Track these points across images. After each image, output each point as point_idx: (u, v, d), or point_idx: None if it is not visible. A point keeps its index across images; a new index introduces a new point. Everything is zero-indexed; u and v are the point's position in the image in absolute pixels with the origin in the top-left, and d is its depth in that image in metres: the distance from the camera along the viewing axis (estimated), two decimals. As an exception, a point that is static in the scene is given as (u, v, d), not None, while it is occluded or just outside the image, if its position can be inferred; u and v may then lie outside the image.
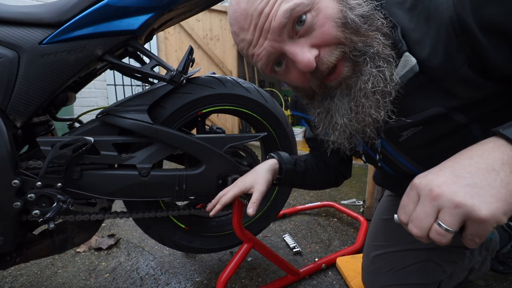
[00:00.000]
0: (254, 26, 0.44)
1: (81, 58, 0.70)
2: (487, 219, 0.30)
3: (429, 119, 0.46)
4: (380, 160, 0.59)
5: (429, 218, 0.34)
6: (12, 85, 0.66)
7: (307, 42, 0.44)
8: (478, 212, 0.30)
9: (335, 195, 1.85)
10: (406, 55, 0.43)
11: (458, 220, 0.32)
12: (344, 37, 0.43)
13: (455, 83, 0.41)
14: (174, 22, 0.90)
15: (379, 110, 0.45)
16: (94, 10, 0.68)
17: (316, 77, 0.47)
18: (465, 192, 0.31)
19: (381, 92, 0.44)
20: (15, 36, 0.66)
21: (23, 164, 0.71)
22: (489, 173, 0.32)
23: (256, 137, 0.92)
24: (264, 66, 0.48)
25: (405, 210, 0.37)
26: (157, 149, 0.81)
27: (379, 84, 0.43)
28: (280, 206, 1.08)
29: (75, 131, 0.78)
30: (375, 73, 0.43)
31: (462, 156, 0.35)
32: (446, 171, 0.34)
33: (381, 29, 0.44)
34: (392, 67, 0.44)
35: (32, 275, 1.03)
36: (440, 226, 0.33)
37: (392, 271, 0.73)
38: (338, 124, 0.49)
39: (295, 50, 0.44)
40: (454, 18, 0.38)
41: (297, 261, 1.12)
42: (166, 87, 0.82)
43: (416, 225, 0.35)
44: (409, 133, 0.50)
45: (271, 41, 0.44)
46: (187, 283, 0.99)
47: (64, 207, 0.71)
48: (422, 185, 0.35)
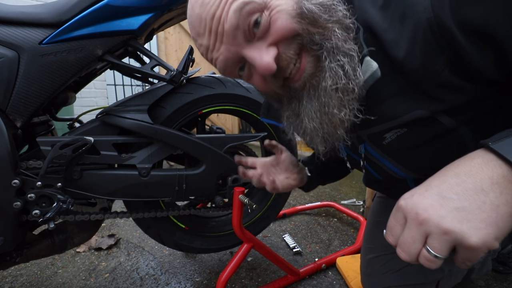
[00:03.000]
0: (208, 30, 0.42)
1: (81, 58, 0.70)
2: (478, 247, 0.28)
3: (412, 121, 0.43)
4: (364, 166, 0.57)
5: (417, 243, 0.32)
6: (12, 85, 0.66)
7: (265, 43, 0.42)
8: (468, 239, 0.29)
9: (335, 195, 1.85)
10: (367, 60, 0.41)
11: (448, 247, 0.30)
12: (300, 28, 0.40)
13: (436, 87, 0.39)
14: (174, 22, 0.90)
15: (342, 108, 0.42)
16: (94, 10, 0.68)
17: (278, 78, 0.45)
18: (453, 217, 0.30)
19: (342, 89, 0.41)
20: (15, 36, 0.66)
21: (23, 164, 0.71)
22: (478, 194, 0.30)
23: (256, 137, 0.92)
24: (222, 70, 0.47)
25: (393, 233, 0.36)
26: (157, 149, 0.81)
27: (340, 81, 0.40)
28: (280, 206, 1.08)
29: (75, 131, 0.78)
30: (334, 68, 0.40)
31: (448, 173, 0.33)
32: (433, 191, 0.32)
33: (342, 21, 0.41)
34: (355, 61, 0.41)
35: (32, 275, 1.03)
36: (429, 252, 0.31)
37: (389, 273, 0.73)
38: (308, 129, 0.46)
39: (253, 55, 0.42)
40: (432, 19, 0.35)
41: (297, 261, 1.12)
42: (166, 87, 0.82)
43: (403, 249, 0.34)
44: (392, 135, 0.47)
45: (227, 44, 0.42)
46: (187, 283, 0.99)
47: (64, 207, 0.71)
48: (408, 207, 0.33)
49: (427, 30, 0.36)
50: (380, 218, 0.81)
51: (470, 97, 0.39)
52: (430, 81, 0.39)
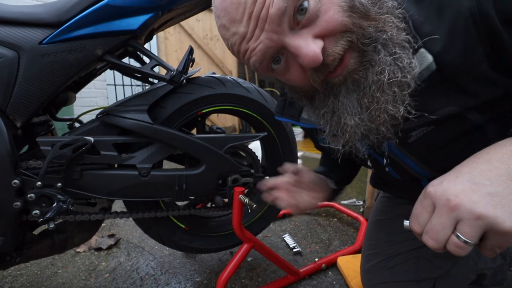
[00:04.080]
0: (248, 15, 0.37)
1: (81, 58, 0.70)
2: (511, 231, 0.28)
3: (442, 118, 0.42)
4: (388, 165, 0.55)
5: (447, 230, 0.32)
6: (12, 85, 0.66)
7: (310, 33, 0.38)
8: (502, 224, 0.28)
9: (335, 195, 1.85)
10: (421, 52, 0.39)
11: (479, 232, 0.30)
12: (352, 23, 0.37)
13: (472, 80, 0.38)
14: (174, 22, 0.90)
15: (397, 104, 0.39)
16: (94, 10, 0.68)
17: (319, 73, 0.41)
18: (486, 202, 0.29)
19: (398, 83, 0.38)
20: (15, 36, 0.66)
21: (23, 164, 0.71)
22: (511, 180, 0.29)
23: (256, 137, 0.92)
24: (258, 63, 0.41)
25: (419, 220, 0.35)
26: (157, 149, 0.81)
27: (396, 74, 0.37)
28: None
29: (75, 131, 0.78)
30: (390, 61, 0.37)
31: (480, 160, 0.33)
32: (464, 177, 0.32)
33: (392, 11, 0.39)
34: (410, 54, 0.38)
35: (32, 275, 1.03)
36: (458, 238, 0.31)
37: (385, 269, 0.73)
38: (347, 125, 0.42)
39: (298, 43, 0.37)
40: (475, 9, 0.35)
41: (297, 261, 1.12)
42: (166, 87, 0.82)
43: (431, 236, 0.33)
44: (419, 133, 0.46)
45: (269, 32, 0.37)
46: (187, 283, 0.99)
47: (64, 207, 0.71)
48: (437, 194, 0.33)
49: (468, 20, 0.35)
50: (382, 217, 0.81)
51: (501, 92, 0.39)
52: (467, 74, 0.38)
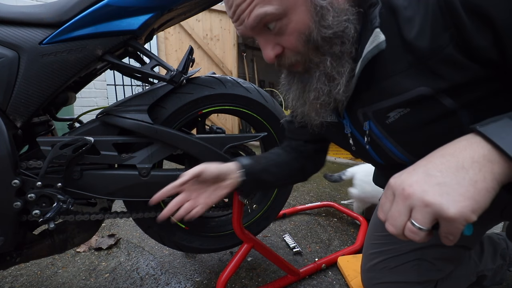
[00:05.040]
0: (233, 11, 0.48)
1: (81, 58, 0.70)
2: (456, 218, 0.31)
3: (415, 99, 0.46)
4: (368, 143, 0.59)
5: (403, 216, 0.35)
6: (12, 85, 0.66)
7: (275, 40, 0.50)
8: (446, 210, 0.31)
9: (335, 195, 1.85)
10: (376, 31, 0.45)
11: (429, 219, 0.32)
12: (304, 51, 0.49)
13: (440, 62, 0.42)
14: (174, 22, 0.90)
15: (317, 116, 0.55)
16: (94, 10, 0.68)
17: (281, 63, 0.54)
18: (434, 191, 0.32)
19: (321, 103, 0.52)
20: (15, 36, 0.66)
21: (23, 164, 0.71)
22: (459, 171, 0.32)
23: (256, 137, 0.92)
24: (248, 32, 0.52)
25: (383, 209, 0.38)
26: (157, 149, 0.81)
27: (320, 97, 0.51)
28: (280, 206, 1.08)
29: (75, 131, 0.78)
30: (318, 87, 0.51)
31: (436, 154, 0.36)
32: (419, 170, 0.35)
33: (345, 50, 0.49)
34: (339, 82, 0.49)
35: (32, 275, 1.03)
36: (413, 224, 0.33)
37: (386, 269, 0.73)
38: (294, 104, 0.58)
39: (264, 44, 0.50)
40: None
41: (297, 261, 1.12)
42: (166, 87, 0.82)
43: (391, 223, 0.36)
44: (396, 114, 0.50)
45: (247, 28, 0.49)
46: (187, 283, 0.99)
47: (64, 207, 0.71)
48: (396, 184, 0.36)
49: (435, 6, 0.40)
50: None
51: (470, 77, 0.41)
52: (435, 56, 0.41)
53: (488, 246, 0.83)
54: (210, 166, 0.65)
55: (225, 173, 0.67)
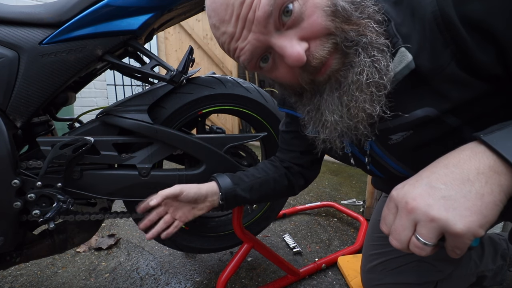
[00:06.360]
0: (236, 17, 0.39)
1: (81, 58, 0.70)
2: (463, 233, 0.29)
3: (420, 121, 0.43)
4: (369, 163, 0.57)
5: (407, 231, 0.33)
6: (12, 85, 0.66)
7: (296, 35, 0.40)
8: (453, 226, 0.30)
9: (335, 195, 1.85)
10: (402, 51, 0.40)
11: (435, 234, 0.31)
12: (334, 27, 0.39)
13: (444, 81, 0.39)
14: (174, 22, 0.90)
15: (373, 104, 0.41)
16: (94, 10, 0.68)
17: (307, 72, 0.43)
18: (439, 205, 0.31)
19: (375, 84, 0.40)
20: (15, 36, 0.66)
21: (23, 164, 0.71)
22: (464, 184, 0.31)
23: (256, 137, 0.92)
24: (246, 62, 0.44)
25: (386, 222, 0.37)
26: (157, 149, 0.81)
27: (374, 76, 0.40)
28: (280, 206, 1.08)
29: (75, 131, 0.78)
30: (369, 63, 0.40)
31: (439, 165, 0.34)
32: (422, 182, 0.34)
33: (373, 16, 0.41)
34: (387, 57, 0.40)
35: (32, 275, 1.03)
36: (418, 239, 0.32)
37: (386, 270, 0.73)
38: (328, 122, 0.45)
39: (283, 43, 0.40)
40: (437, 13, 0.36)
41: (297, 261, 1.12)
42: (166, 87, 0.82)
43: (395, 237, 0.35)
44: (399, 138, 0.48)
45: (256, 33, 0.40)
46: (187, 283, 0.99)
47: (64, 207, 0.71)
48: (399, 197, 0.35)
49: (432, 23, 0.37)
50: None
51: (474, 94, 0.39)
52: (438, 75, 0.39)
53: (488, 246, 0.83)
54: (189, 189, 0.66)
55: (204, 196, 0.68)
